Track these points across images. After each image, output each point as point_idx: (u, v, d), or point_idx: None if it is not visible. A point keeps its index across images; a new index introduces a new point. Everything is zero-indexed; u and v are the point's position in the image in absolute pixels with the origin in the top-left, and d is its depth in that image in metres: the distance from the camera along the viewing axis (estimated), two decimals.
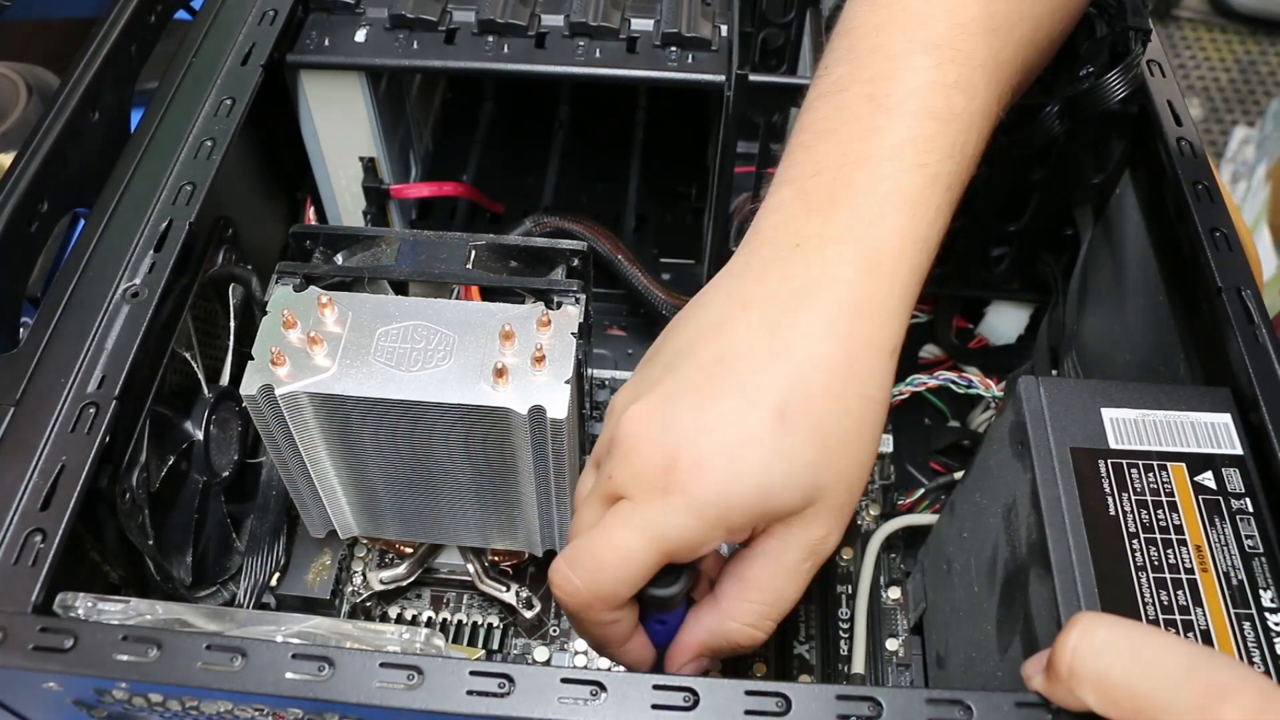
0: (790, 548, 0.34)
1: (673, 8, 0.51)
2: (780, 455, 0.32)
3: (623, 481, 0.33)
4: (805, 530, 0.34)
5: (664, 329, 0.37)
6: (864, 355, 0.33)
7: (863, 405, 0.33)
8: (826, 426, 0.33)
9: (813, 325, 0.33)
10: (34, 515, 0.34)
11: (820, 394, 0.33)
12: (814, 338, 0.33)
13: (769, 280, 0.34)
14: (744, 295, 0.35)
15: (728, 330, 0.34)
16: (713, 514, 0.32)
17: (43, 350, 0.38)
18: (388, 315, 0.40)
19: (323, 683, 0.30)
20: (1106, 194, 0.52)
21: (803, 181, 0.36)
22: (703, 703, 0.30)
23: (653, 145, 0.71)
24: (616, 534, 0.33)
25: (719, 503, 0.32)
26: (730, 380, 0.33)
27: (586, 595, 0.33)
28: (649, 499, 0.32)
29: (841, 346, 0.33)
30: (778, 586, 0.35)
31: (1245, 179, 1.57)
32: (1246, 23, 2.02)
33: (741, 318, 0.34)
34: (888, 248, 0.34)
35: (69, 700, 0.33)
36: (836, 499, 0.33)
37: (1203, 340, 0.42)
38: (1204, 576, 0.34)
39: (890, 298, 0.34)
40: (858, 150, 0.35)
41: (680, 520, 0.32)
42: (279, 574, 0.50)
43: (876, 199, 0.34)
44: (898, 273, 0.34)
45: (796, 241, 0.34)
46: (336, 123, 0.54)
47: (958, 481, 0.46)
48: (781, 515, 0.33)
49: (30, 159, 0.42)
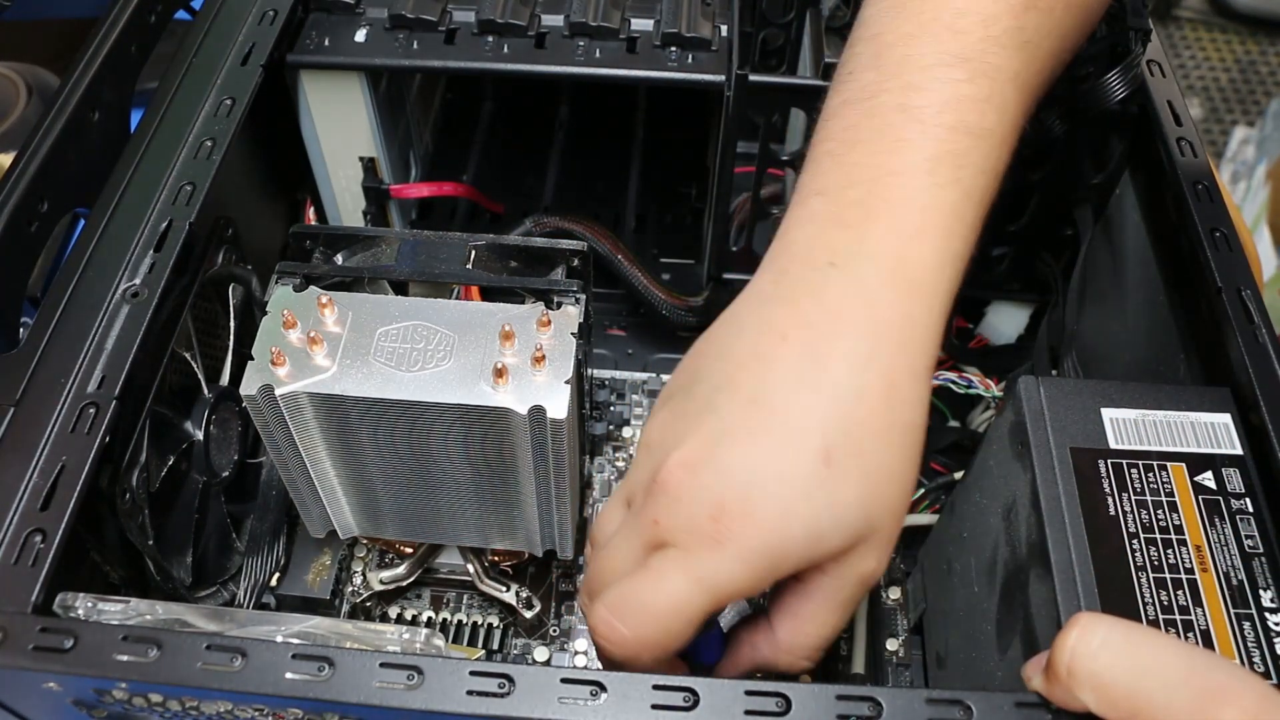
0: (843, 584, 0.34)
1: (673, 8, 0.51)
2: (829, 500, 0.32)
3: (670, 528, 0.32)
4: (856, 566, 0.33)
5: (693, 350, 0.36)
6: (905, 382, 0.33)
7: (904, 434, 0.33)
8: (872, 463, 0.32)
9: (854, 354, 0.32)
10: (34, 515, 0.34)
11: (864, 430, 0.32)
12: (855, 369, 0.32)
13: (803, 303, 0.33)
14: (779, 321, 0.34)
15: (765, 361, 0.33)
16: (765, 563, 0.32)
17: (43, 350, 0.38)
18: (388, 315, 0.40)
19: (323, 683, 0.30)
20: (1106, 194, 0.52)
21: (834, 194, 0.34)
22: (703, 703, 0.30)
23: (653, 145, 0.71)
24: (668, 584, 0.32)
25: (771, 552, 0.32)
26: (774, 421, 0.32)
27: (635, 646, 0.33)
28: (699, 548, 0.32)
29: (883, 377, 0.32)
30: (830, 620, 0.35)
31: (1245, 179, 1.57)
32: (1246, 23, 2.02)
33: (779, 348, 0.33)
34: (926, 265, 0.33)
35: (69, 700, 0.33)
36: (885, 531, 0.33)
37: (1203, 340, 0.42)
38: (1204, 576, 0.34)
39: (928, 316, 0.33)
40: (891, 163, 0.34)
41: (732, 570, 0.32)
42: (279, 574, 0.50)
43: (913, 214, 0.33)
44: (936, 291, 0.33)
45: (830, 259, 0.33)
46: (336, 123, 0.54)
47: (958, 481, 0.46)
48: (832, 556, 0.33)
49: (30, 159, 0.42)
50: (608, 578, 0.34)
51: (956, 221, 0.34)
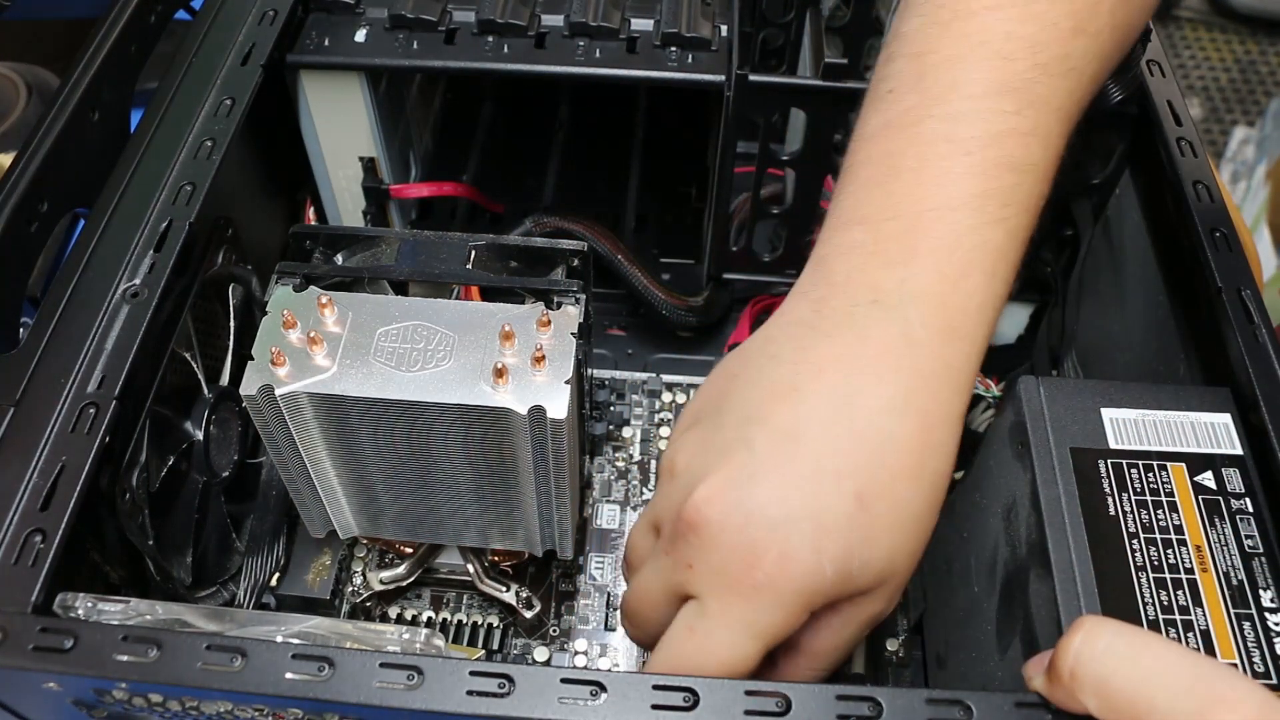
0: (854, 623, 0.34)
1: (673, 8, 0.51)
2: (861, 542, 0.32)
3: (704, 575, 0.32)
4: (869, 608, 0.34)
5: (722, 368, 0.36)
6: (940, 428, 0.32)
7: (934, 481, 0.33)
8: (903, 509, 0.32)
9: (891, 398, 0.32)
10: (34, 515, 0.34)
11: (897, 474, 0.32)
12: (893, 413, 0.32)
13: (844, 339, 0.33)
14: (818, 354, 0.33)
15: (800, 396, 0.33)
16: (801, 604, 0.32)
17: (43, 350, 0.38)
18: (388, 315, 0.40)
19: (323, 683, 0.30)
20: (1106, 194, 0.52)
21: (878, 225, 0.34)
22: (703, 703, 0.30)
23: (653, 145, 0.71)
24: (719, 649, 0.32)
25: (804, 592, 0.32)
26: (808, 458, 0.32)
27: None
28: (737, 600, 0.32)
29: (921, 422, 0.32)
30: (832, 655, 0.35)
31: (1245, 179, 1.57)
32: (1246, 23, 2.02)
33: (816, 383, 0.32)
34: (969, 310, 0.33)
35: (69, 700, 0.33)
36: (901, 576, 0.33)
37: (1203, 340, 0.42)
38: (1204, 576, 0.34)
39: (967, 362, 0.33)
40: (937, 197, 0.33)
41: (773, 617, 0.32)
42: (279, 574, 0.50)
43: (960, 255, 0.33)
44: (976, 336, 0.33)
45: (874, 297, 0.33)
46: (336, 123, 0.54)
47: (958, 481, 0.46)
48: (854, 595, 0.33)
49: (30, 159, 0.42)
50: (645, 611, 0.35)
51: (1001, 262, 0.33)
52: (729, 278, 0.58)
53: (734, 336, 0.61)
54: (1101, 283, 0.53)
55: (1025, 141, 0.34)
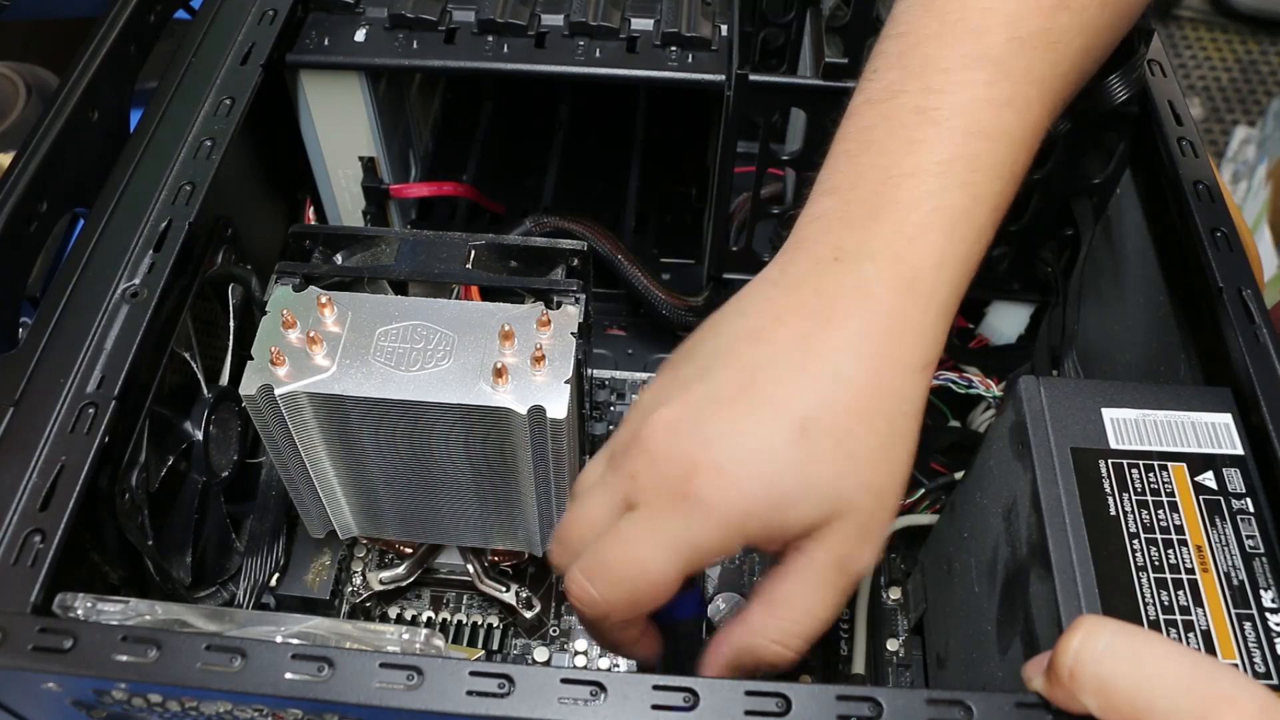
0: (817, 565, 0.34)
1: (673, 7, 0.51)
2: (798, 467, 0.32)
3: (644, 485, 0.33)
4: (832, 545, 0.33)
5: (700, 326, 0.37)
6: (893, 374, 0.33)
7: (890, 423, 0.33)
8: (850, 442, 0.32)
9: (843, 342, 0.33)
10: (33, 515, 0.34)
11: (845, 412, 0.32)
12: (844, 356, 0.33)
13: (804, 292, 0.34)
14: (779, 305, 0.35)
15: (761, 340, 0.34)
16: (731, 524, 0.32)
17: (42, 350, 0.38)
18: (387, 315, 0.40)
19: (322, 683, 0.30)
20: (1107, 194, 0.52)
21: (845, 192, 0.35)
22: (703, 703, 0.30)
23: (653, 145, 0.71)
24: (639, 549, 0.33)
25: (735, 511, 0.32)
26: (758, 392, 0.33)
27: (604, 607, 0.33)
28: (669, 509, 0.32)
29: (870, 365, 0.33)
30: (806, 605, 0.34)
31: (1246, 179, 1.57)
32: (1247, 22, 2.02)
33: (775, 329, 0.34)
34: (926, 266, 0.34)
35: (68, 701, 0.33)
36: (863, 514, 0.33)
37: (1203, 340, 0.42)
38: (1204, 577, 0.34)
39: (925, 316, 0.34)
40: (902, 164, 0.34)
41: (699, 531, 0.32)
42: (278, 574, 0.50)
43: (918, 216, 0.34)
44: (935, 291, 0.34)
45: (835, 255, 0.34)
46: (336, 122, 0.54)
47: (958, 481, 0.46)
48: (804, 528, 0.33)
49: (30, 159, 0.42)
50: (582, 530, 0.35)
51: (963, 223, 0.34)
52: (729, 278, 0.58)
53: None
54: (1102, 283, 0.53)
55: (998, 110, 0.35)
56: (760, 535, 0.33)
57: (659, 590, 0.33)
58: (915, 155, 0.34)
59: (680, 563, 0.32)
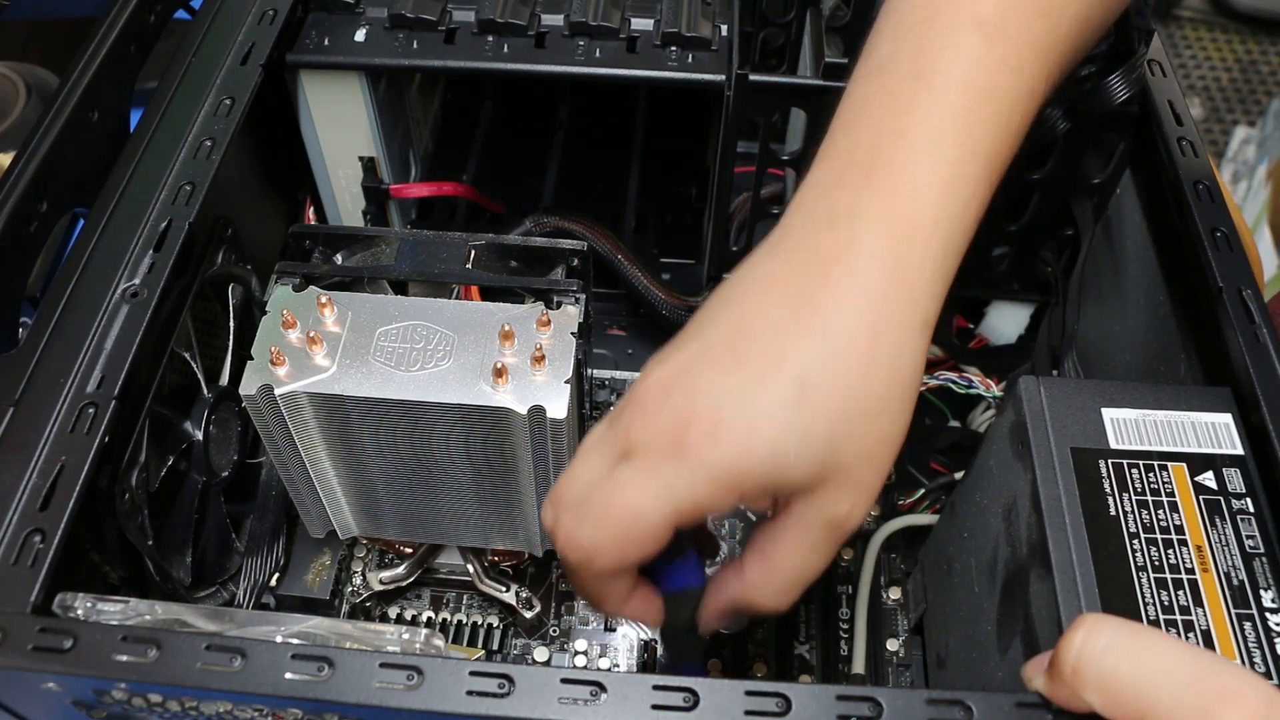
0: (811, 522, 0.34)
1: (673, 7, 0.51)
2: (796, 425, 0.32)
3: (638, 438, 0.33)
4: (825, 505, 0.33)
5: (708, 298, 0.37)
6: (890, 332, 0.33)
7: (887, 381, 0.33)
8: (847, 401, 0.32)
9: (841, 301, 0.33)
10: (33, 515, 0.34)
11: (842, 369, 0.32)
12: (842, 314, 0.33)
13: (800, 252, 0.34)
14: (776, 267, 0.35)
15: (759, 300, 0.34)
16: (726, 479, 0.32)
17: (42, 350, 0.38)
18: (387, 315, 0.40)
19: (322, 683, 0.30)
20: (1107, 194, 0.52)
21: (840, 158, 0.36)
22: (703, 703, 0.30)
23: (653, 145, 0.71)
24: (629, 493, 0.32)
25: (732, 468, 0.32)
26: (754, 348, 0.33)
27: (589, 549, 0.33)
28: (663, 459, 0.32)
29: (866, 322, 0.33)
30: (799, 561, 0.34)
31: (1246, 179, 1.57)
32: (1247, 22, 2.02)
33: (773, 292, 0.34)
34: (921, 223, 0.34)
35: (68, 700, 0.33)
36: (858, 474, 0.33)
37: (1203, 340, 0.42)
38: (1205, 577, 0.34)
39: (921, 273, 0.34)
40: (895, 125, 0.35)
41: (693, 484, 0.32)
42: (278, 574, 0.50)
43: (911, 174, 0.34)
44: (929, 247, 0.34)
45: (829, 216, 0.34)
46: (336, 122, 0.54)
47: (958, 481, 0.46)
48: (798, 486, 0.33)
49: (30, 159, 0.42)
50: (576, 486, 0.35)
51: (958, 182, 0.34)
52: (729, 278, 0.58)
53: None
54: (1102, 283, 0.53)
55: (992, 72, 0.35)
56: (755, 492, 0.33)
57: (648, 538, 0.33)
58: (909, 116, 0.34)
59: (672, 512, 0.32)
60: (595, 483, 0.34)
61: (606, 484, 0.33)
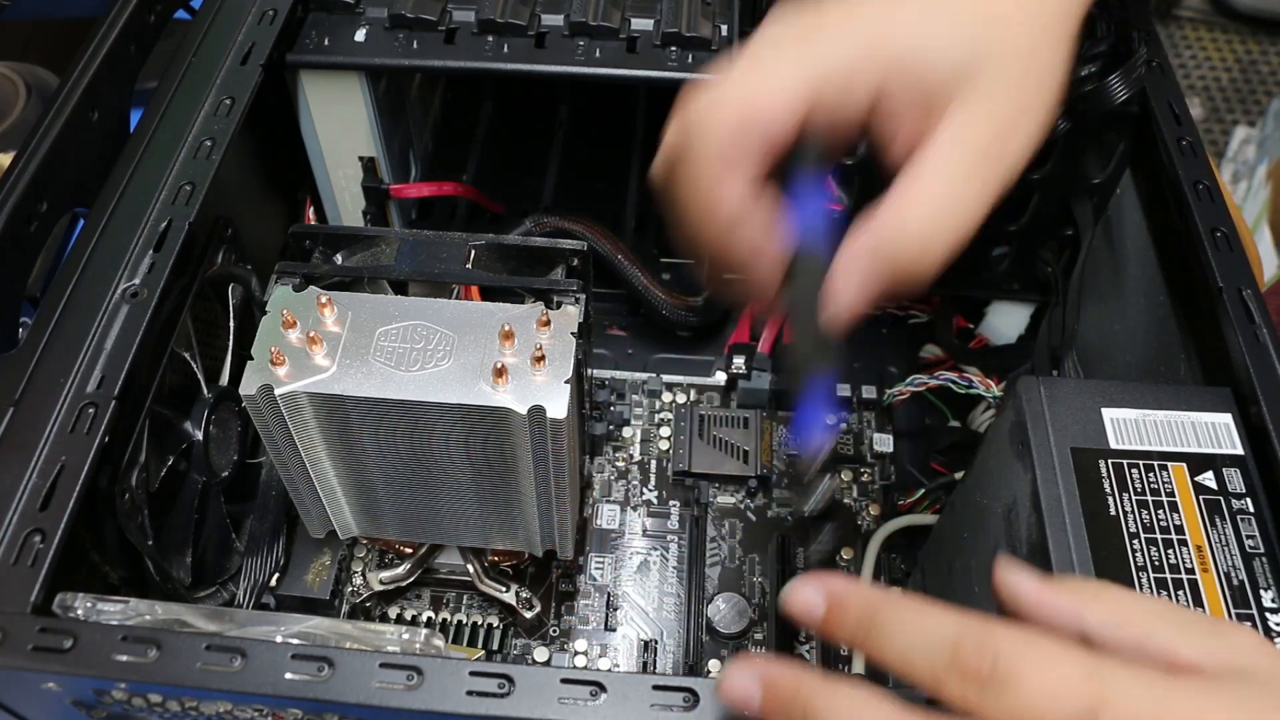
0: (964, 128, 0.31)
1: (673, 7, 0.51)
2: (937, 18, 0.31)
3: (773, 33, 0.31)
4: (977, 107, 0.31)
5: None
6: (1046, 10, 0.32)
7: (1038, 36, 0.32)
8: (993, 25, 0.31)
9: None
10: (33, 515, 0.34)
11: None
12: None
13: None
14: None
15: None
16: (864, 44, 0.31)
17: (42, 350, 0.38)
18: (387, 315, 0.40)
19: (322, 683, 0.30)
20: (1107, 194, 0.52)
21: None
22: (703, 703, 0.30)
23: (653, 145, 0.69)
24: (756, 63, 0.31)
25: (872, 33, 0.31)
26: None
27: (703, 112, 0.31)
28: (797, 40, 0.31)
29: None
30: (952, 178, 0.31)
31: (1246, 179, 1.57)
32: (1247, 22, 2.02)
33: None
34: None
35: (68, 700, 0.33)
36: (1007, 70, 0.31)
37: (1203, 340, 0.42)
38: (1205, 576, 0.34)
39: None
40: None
41: (825, 50, 0.30)
42: (278, 574, 0.50)
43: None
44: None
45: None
46: (336, 122, 0.54)
47: (958, 482, 0.46)
48: (939, 79, 0.31)
49: (30, 159, 0.42)
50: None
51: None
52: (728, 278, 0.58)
53: (734, 337, 0.60)
54: (1102, 283, 0.53)
55: None
56: (895, 69, 0.31)
57: (774, 112, 0.30)
58: None
59: (802, 80, 0.30)
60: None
61: (747, 58, 0.31)
